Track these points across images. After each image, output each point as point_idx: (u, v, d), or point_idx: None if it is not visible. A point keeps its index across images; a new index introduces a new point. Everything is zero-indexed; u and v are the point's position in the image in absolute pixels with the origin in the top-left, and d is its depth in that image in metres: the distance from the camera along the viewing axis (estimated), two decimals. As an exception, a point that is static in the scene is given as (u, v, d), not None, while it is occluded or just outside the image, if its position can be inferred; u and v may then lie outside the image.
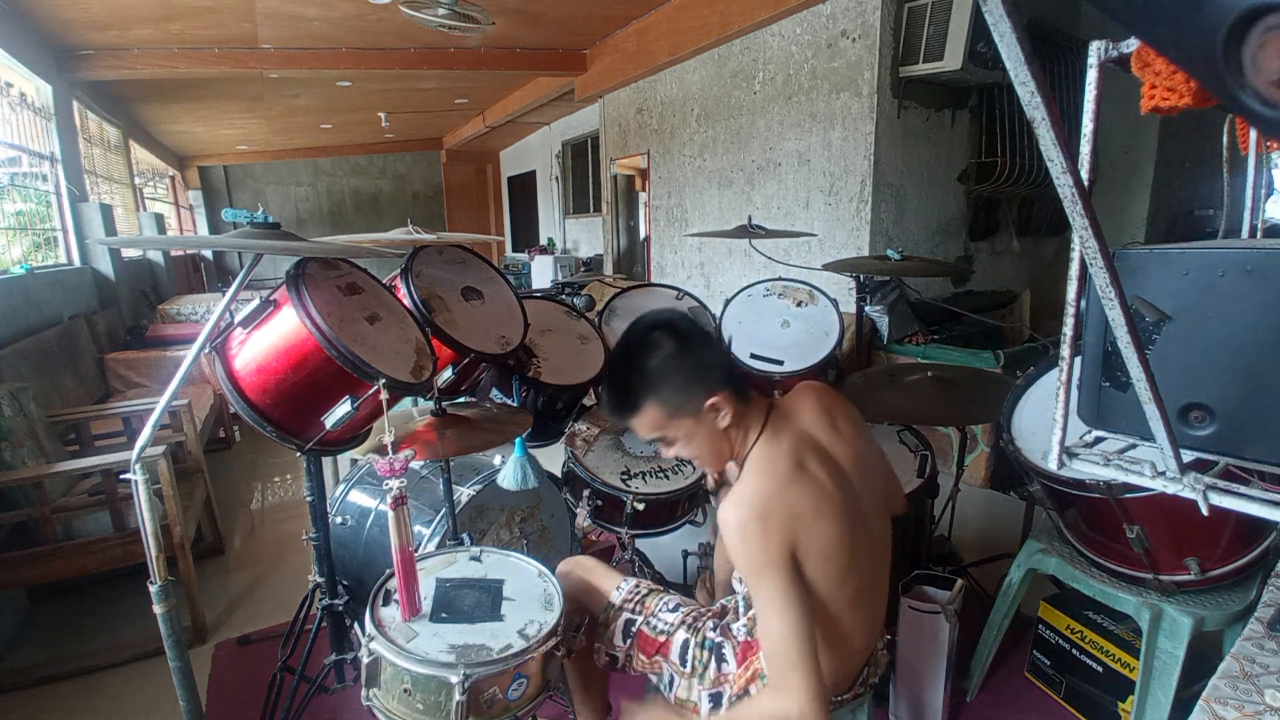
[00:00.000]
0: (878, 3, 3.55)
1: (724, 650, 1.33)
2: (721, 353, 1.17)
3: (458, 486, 1.93)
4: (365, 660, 1.23)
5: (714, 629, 1.35)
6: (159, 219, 7.08)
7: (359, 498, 2.11)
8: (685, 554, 2.26)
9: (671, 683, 1.37)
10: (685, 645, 1.35)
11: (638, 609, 1.42)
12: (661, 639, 1.38)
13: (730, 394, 1.15)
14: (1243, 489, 0.72)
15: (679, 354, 1.13)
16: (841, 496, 1.14)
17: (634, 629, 1.41)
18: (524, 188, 10.46)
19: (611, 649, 1.43)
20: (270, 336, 1.38)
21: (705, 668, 1.33)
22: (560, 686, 1.46)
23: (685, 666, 1.35)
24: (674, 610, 1.40)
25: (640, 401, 1.15)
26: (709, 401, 1.14)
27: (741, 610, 1.41)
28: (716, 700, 1.31)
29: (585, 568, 1.52)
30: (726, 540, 1.10)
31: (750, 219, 2.83)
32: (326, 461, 2.60)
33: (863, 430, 1.28)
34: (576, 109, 7.70)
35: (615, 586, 1.46)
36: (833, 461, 1.18)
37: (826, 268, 2.72)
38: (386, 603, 1.33)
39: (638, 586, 1.46)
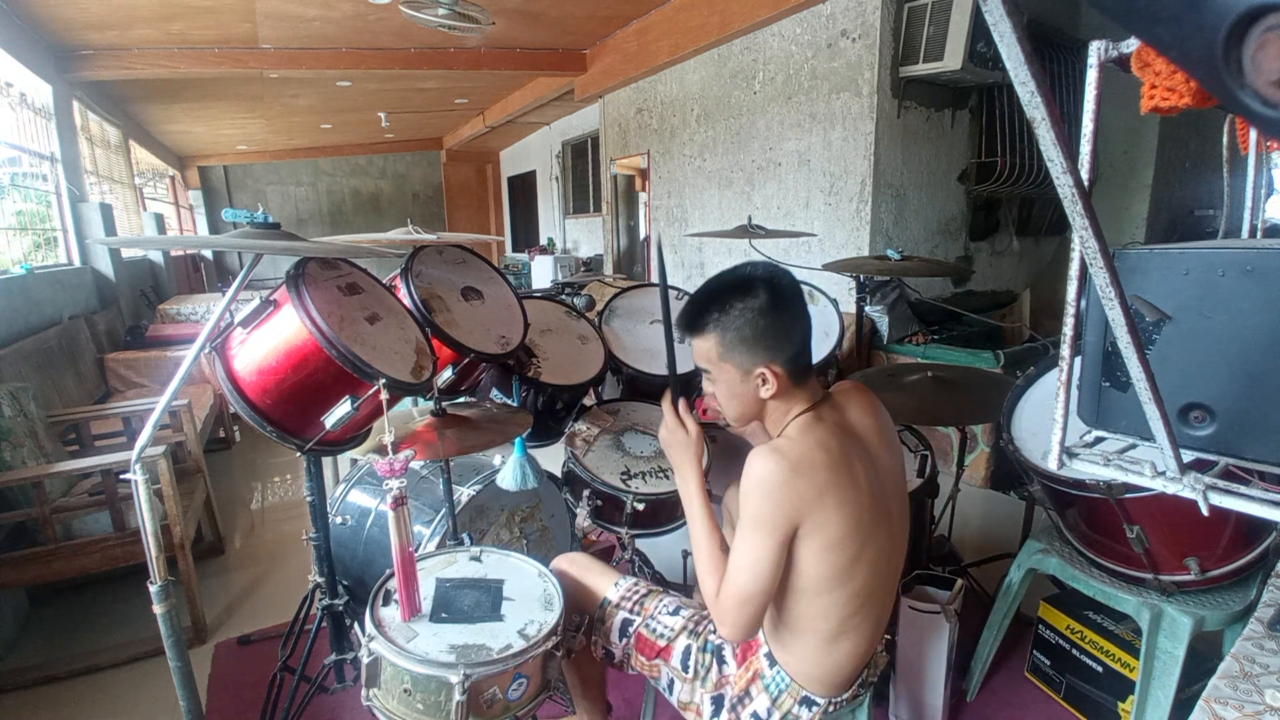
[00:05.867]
0: (878, 3, 3.55)
1: (724, 652, 1.33)
2: (802, 333, 1.18)
3: (458, 486, 1.93)
4: (365, 660, 1.23)
5: (714, 632, 1.35)
6: (159, 219, 7.08)
7: (359, 498, 2.10)
8: (685, 554, 2.26)
9: (672, 686, 1.37)
10: (688, 651, 1.35)
11: (636, 609, 1.42)
12: (662, 643, 1.37)
13: (786, 372, 1.16)
14: (1243, 489, 0.72)
15: (764, 310, 1.14)
16: (868, 492, 1.16)
17: (632, 629, 1.40)
18: (524, 188, 10.46)
19: (608, 644, 1.43)
20: (270, 336, 1.38)
21: (708, 671, 1.33)
22: (560, 686, 1.46)
23: (687, 672, 1.35)
24: (674, 614, 1.40)
25: (707, 328, 1.18)
26: (762, 368, 1.15)
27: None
28: (719, 703, 1.31)
29: (580, 564, 1.52)
30: (745, 479, 1.11)
31: (750, 219, 2.83)
32: (326, 461, 2.60)
33: (897, 440, 1.30)
34: (576, 109, 7.70)
35: (612, 583, 1.46)
36: (869, 459, 1.19)
37: (827, 268, 2.72)
38: (386, 603, 1.33)
39: (636, 585, 1.46)
